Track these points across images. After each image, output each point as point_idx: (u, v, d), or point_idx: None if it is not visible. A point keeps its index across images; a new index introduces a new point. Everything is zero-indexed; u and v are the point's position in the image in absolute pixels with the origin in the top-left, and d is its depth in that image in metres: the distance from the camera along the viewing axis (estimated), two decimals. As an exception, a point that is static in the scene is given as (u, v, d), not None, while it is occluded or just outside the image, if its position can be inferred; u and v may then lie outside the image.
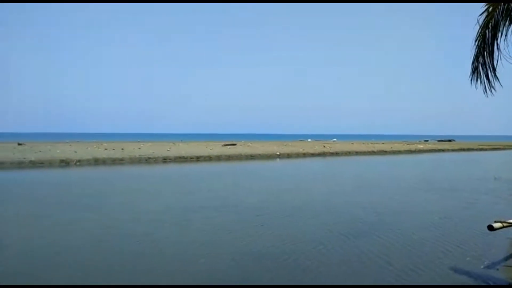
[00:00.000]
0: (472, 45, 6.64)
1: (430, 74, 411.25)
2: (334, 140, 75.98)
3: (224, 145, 48.29)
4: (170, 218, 10.80)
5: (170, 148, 41.21)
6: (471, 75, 6.72)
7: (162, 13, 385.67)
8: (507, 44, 6.32)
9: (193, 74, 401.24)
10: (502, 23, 6.29)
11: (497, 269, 6.75)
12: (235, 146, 47.51)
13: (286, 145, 52.88)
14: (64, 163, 28.12)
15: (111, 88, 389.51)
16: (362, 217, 10.92)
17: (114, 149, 37.68)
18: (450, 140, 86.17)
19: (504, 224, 7.29)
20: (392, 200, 14.05)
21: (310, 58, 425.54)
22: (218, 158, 35.60)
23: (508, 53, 6.38)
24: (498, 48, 6.43)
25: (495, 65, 6.50)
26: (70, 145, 42.61)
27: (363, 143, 63.42)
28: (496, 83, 6.61)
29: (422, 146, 61.15)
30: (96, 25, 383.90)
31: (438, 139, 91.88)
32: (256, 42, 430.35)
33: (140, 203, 13.17)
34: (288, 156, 40.50)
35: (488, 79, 6.58)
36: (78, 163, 28.49)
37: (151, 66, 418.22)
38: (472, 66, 6.69)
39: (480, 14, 6.62)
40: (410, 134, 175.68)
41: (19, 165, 26.41)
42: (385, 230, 9.30)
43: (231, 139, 73.45)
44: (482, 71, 6.61)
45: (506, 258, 7.33)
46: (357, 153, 46.43)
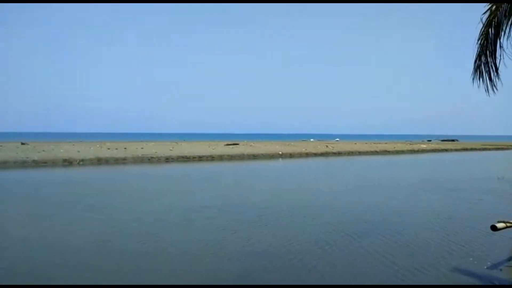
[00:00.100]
0: (475, 44, 6.62)
1: (432, 73, 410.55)
2: (337, 140, 75.91)
3: (227, 145, 48.31)
4: (174, 218, 10.81)
5: (173, 147, 41.27)
6: (473, 74, 6.68)
7: (162, 13, 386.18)
8: (510, 43, 6.29)
9: (194, 74, 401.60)
10: (505, 22, 6.25)
11: (500, 269, 6.72)
12: (237, 146, 47.53)
13: (288, 145, 52.85)
14: (67, 163, 28.21)
15: (113, 88, 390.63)
16: (366, 217, 10.90)
17: (117, 148, 37.77)
18: (453, 140, 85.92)
19: (507, 224, 7.26)
20: (396, 200, 14.02)
21: (310, 58, 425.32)
22: (221, 158, 35.62)
23: (511, 52, 6.35)
24: (501, 47, 6.39)
25: (497, 64, 6.47)
26: (73, 144, 42.73)
27: (366, 143, 63.31)
28: (497, 82, 6.58)
29: (425, 146, 60.97)
30: (97, 25, 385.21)
31: (441, 139, 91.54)
32: (257, 42, 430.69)
33: (143, 203, 13.18)
34: (291, 156, 40.48)
35: (490, 78, 6.55)
36: (81, 163, 28.57)
37: (152, 66, 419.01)
38: (474, 65, 6.65)
39: (483, 13, 6.59)
40: (413, 134, 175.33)
41: (22, 164, 26.51)
42: (389, 230, 9.30)
43: (233, 139, 73.49)
44: (484, 70, 6.57)
45: (509, 259, 7.30)
46: (359, 153, 46.35)
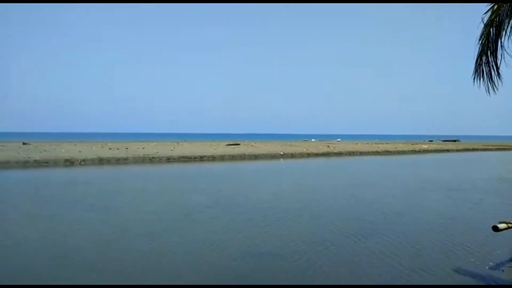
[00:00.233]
0: (476, 43, 6.59)
1: (433, 73, 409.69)
2: (338, 140, 75.89)
3: (228, 145, 48.32)
4: (177, 218, 10.80)
5: (174, 148, 41.30)
6: (474, 74, 6.66)
7: (164, 13, 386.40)
8: (511, 43, 6.26)
9: (195, 74, 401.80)
10: (507, 21, 6.23)
11: (502, 270, 6.72)
12: (238, 146, 47.53)
13: (289, 145, 52.84)
14: (69, 163, 28.24)
15: (114, 88, 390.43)
16: (370, 217, 10.89)
17: (118, 148, 37.82)
18: (454, 141, 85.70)
19: (509, 224, 7.22)
20: (398, 200, 14.01)
21: (311, 58, 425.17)
22: (222, 158, 35.63)
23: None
24: (502, 46, 6.37)
25: (498, 64, 6.45)
26: (75, 144, 42.80)
27: (367, 143, 63.26)
28: (498, 82, 6.55)
29: (426, 146, 60.86)
30: (97, 25, 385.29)
31: (443, 139, 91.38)
32: (258, 42, 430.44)
33: (146, 203, 13.19)
34: (292, 156, 40.45)
35: (491, 78, 6.53)
36: (82, 163, 28.60)
37: (153, 65, 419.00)
38: (475, 65, 6.63)
39: (484, 13, 6.56)
40: (415, 134, 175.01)
41: (24, 164, 26.55)
42: (393, 231, 9.32)
43: (234, 139, 73.49)
44: (485, 70, 6.55)
45: (511, 259, 7.28)
46: (361, 153, 46.29)
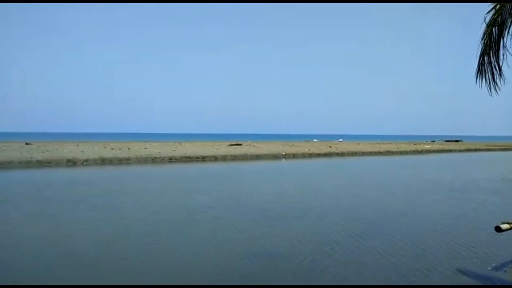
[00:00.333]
0: (478, 43, 6.58)
1: (436, 73, 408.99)
2: (340, 141, 75.77)
3: (230, 145, 48.35)
4: (180, 218, 10.81)
5: (176, 148, 41.35)
6: (476, 73, 6.64)
7: (164, 13, 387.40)
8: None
9: (195, 74, 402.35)
10: (509, 21, 6.21)
11: (505, 270, 6.72)
12: (240, 146, 47.55)
13: (291, 145, 52.81)
14: (71, 163, 28.33)
15: (114, 88, 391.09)
16: (373, 217, 10.89)
17: (120, 149, 37.90)
18: (457, 141, 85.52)
19: (512, 225, 7.20)
20: (402, 200, 13.99)
21: (313, 58, 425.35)
22: (224, 158, 35.65)
23: None
24: (504, 46, 6.35)
25: (500, 64, 6.43)
26: (77, 145, 42.90)
27: (369, 144, 63.17)
28: (500, 82, 6.53)
29: (429, 147, 60.77)
30: (99, 26, 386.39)
31: (445, 140, 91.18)
32: (259, 41, 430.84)
33: (148, 203, 13.21)
34: (294, 156, 40.44)
35: (493, 78, 6.51)
36: (85, 163, 28.68)
37: (153, 65, 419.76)
38: (477, 65, 6.61)
39: (487, 12, 6.55)
40: (417, 135, 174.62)
41: (26, 164, 26.64)
42: (397, 231, 9.33)
43: (236, 139, 73.52)
44: (488, 70, 6.53)
45: (514, 260, 7.27)
46: (363, 153, 46.25)
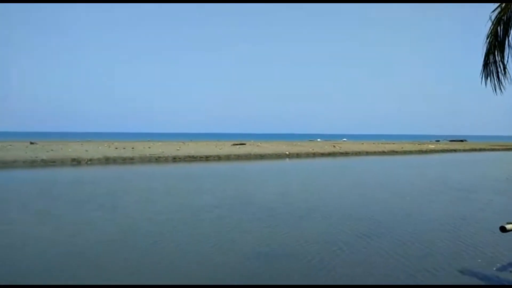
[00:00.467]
0: (484, 42, 6.54)
1: (439, 73, 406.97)
2: (344, 140, 75.62)
3: (233, 144, 48.38)
4: (184, 217, 10.82)
5: (180, 147, 41.43)
6: (482, 73, 6.60)
7: (165, 13, 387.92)
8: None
9: (198, 74, 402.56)
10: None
11: (510, 271, 6.69)
12: (244, 145, 47.57)
13: (295, 145, 52.76)
14: (76, 162, 28.45)
15: (116, 88, 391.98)
16: (380, 217, 10.85)
17: (124, 148, 38.02)
18: (461, 141, 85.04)
19: (517, 225, 7.15)
20: (407, 201, 13.93)
21: (314, 58, 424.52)
22: (227, 158, 35.67)
23: None
24: (509, 46, 6.31)
25: (506, 62, 6.39)
26: (82, 144, 43.09)
27: (373, 143, 62.96)
28: (505, 81, 6.50)
29: (433, 147, 60.50)
30: (101, 25, 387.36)
31: (450, 139, 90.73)
32: (260, 41, 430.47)
33: (153, 202, 13.25)
34: (298, 156, 40.40)
35: (498, 77, 6.47)
36: (89, 162, 28.80)
37: (153, 65, 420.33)
38: (482, 64, 6.58)
39: (492, 11, 6.51)
40: (421, 134, 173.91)
41: (31, 163, 26.78)
42: (404, 231, 9.32)
43: (240, 138, 73.56)
44: (493, 69, 6.49)
45: (519, 260, 7.23)
46: (367, 153, 46.12)
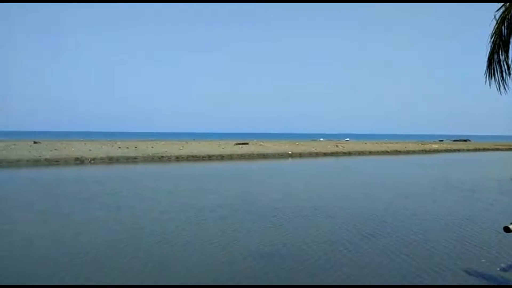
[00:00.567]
0: (488, 41, 6.53)
1: (443, 72, 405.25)
2: (347, 140, 75.48)
3: (236, 144, 48.42)
4: (188, 217, 10.82)
5: (183, 147, 41.51)
6: (486, 72, 6.60)
7: (164, 13, 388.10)
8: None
9: (203, 74, 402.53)
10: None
11: (513, 271, 6.67)
12: (247, 145, 47.59)
13: (298, 144, 52.74)
14: (79, 161, 28.56)
15: (116, 88, 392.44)
16: (383, 218, 10.83)
17: (127, 147, 38.14)
18: (465, 140, 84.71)
19: (521, 225, 7.13)
20: (411, 200, 13.89)
21: (317, 58, 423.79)
22: (230, 157, 35.70)
23: None
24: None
25: (510, 62, 6.38)
26: (85, 143, 43.24)
27: (377, 143, 62.80)
28: (510, 80, 6.49)
29: (436, 146, 60.28)
30: (101, 25, 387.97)
31: (453, 139, 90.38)
32: (260, 41, 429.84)
33: (157, 202, 13.28)
34: (300, 155, 40.36)
35: (502, 77, 6.46)
36: (92, 161, 28.90)
37: (159, 66, 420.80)
38: (486, 63, 6.57)
39: (496, 10, 6.50)
40: (425, 134, 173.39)
41: (35, 163, 26.90)
42: (407, 231, 9.32)
43: (243, 138, 73.59)
44: (497, 69, 6.48)
45: (522, 260, 7.21)
46: (370, 152, 46.02)
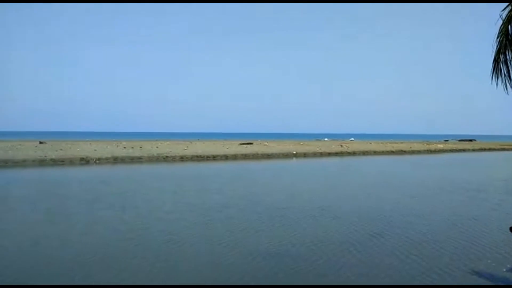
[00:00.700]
0: (494, 41, 6.48)
1: (449, 72, 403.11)
2: (352, 140, 75.31)
3: (241, 144, 48.46)
4: (194, 217, 10.86)
5: (187, 147, 41.60)
6: (492, 72, 6.55)
7: (165, 13, 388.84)
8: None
9: (206, 75, 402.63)
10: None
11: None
12: (251, 145, 47.62)
13: (302, 144, 52.71)
14: (84, 161, 28.70)
15: (116, 88, 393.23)
16: (389, 218, 10.81)
17: (132, 147, 38.29)
18: (470, 140, 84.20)
19: (527, 225, 7.09)
20: (417, 201, 13.85)
21: (319, 58, 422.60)
22: (235, 157, 35.73)
23: None
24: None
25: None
26: (90, 143, 43.47)
27: (381, 143, 62.59)
28: None
29: (442, 146, 59.99)
30: (102, 25, 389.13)
31: (459, 139, 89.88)
32: (261, 41, 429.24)
33: (163, 202, 13.34)
34: (305, 155, 40.32)
35: (509, 77, 6.42)
36: (97, 161, 29.03)
37: (162, 65, 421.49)
38: (493, 63, 6.52)
39: (502, 10, 6.45)
40: (430, 134, 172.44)
41: (40, 163, 27.07)
42: (413, 231, 9.31)
43: (247, 138, 73.62)
44: (503, 68, 6.44)
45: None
46: (375, 152, 45.88)
